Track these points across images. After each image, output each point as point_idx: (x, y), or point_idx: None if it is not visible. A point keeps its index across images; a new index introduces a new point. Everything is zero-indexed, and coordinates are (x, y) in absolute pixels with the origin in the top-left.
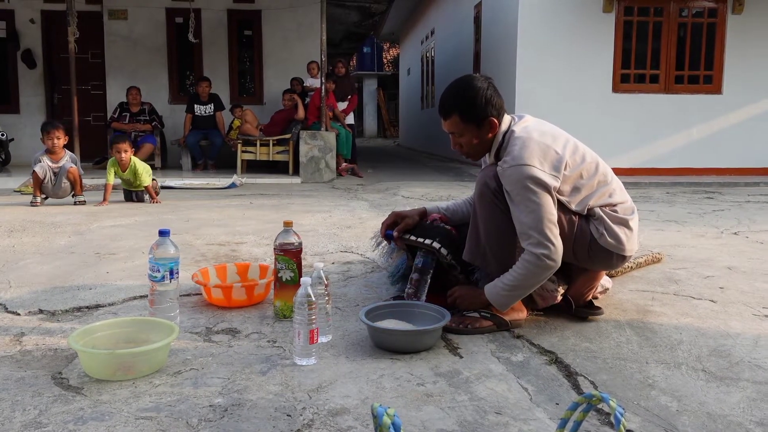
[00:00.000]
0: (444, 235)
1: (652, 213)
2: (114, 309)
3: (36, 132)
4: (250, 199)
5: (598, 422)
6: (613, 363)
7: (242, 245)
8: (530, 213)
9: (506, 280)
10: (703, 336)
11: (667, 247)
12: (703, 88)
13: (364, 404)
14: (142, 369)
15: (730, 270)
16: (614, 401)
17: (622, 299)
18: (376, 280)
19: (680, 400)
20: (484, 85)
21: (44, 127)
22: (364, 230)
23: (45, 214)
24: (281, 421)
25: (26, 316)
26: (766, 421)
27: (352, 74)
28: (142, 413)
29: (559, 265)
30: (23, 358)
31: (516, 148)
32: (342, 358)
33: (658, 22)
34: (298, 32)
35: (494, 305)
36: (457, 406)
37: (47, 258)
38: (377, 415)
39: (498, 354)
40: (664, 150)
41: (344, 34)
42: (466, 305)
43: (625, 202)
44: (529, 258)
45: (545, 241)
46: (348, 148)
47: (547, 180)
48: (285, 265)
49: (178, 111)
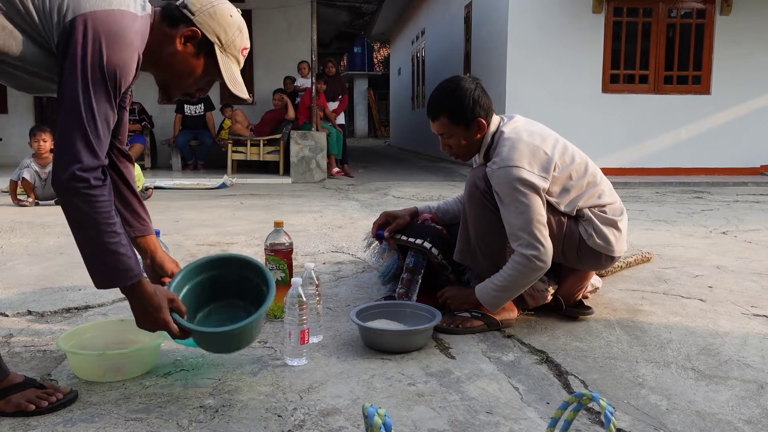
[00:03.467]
0: (435, 234)
1: (642, 213)
2: (103, 310)
3: (24, 132)
4: (241, 199)
5: (589, 421)
6: (604, 362)
7: (233, 246)
8: (519, 214)
9: (497, 280)
10: (693, 335)
11: (656, 247)
12: (691, 88)
13: (356, 404)
14: (132, 370)
15: (719, 269)
16: (604, 400)
17: (612, 298)
18: (367, 280)
19: (670, 399)
20: (471, 86)
21: (31, 131)
22: (355, 230)
23: (34, 215)
24: (272, 422)
25: (14, 317)
26: (755, 419)
27: (343, 74)
28: (132, 414)
29: (549, 265)
30: (11, 359)
31: (505, 149)
32: (333, 359)
33: (647, 22)
34: (289, 32)
35: (485, 306)
36: (449, 405)
37: (36, 259)
38: (368, 415)
39: (489, 354)
40: (653, 150)
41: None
42: (456, 305)
43: (614, 202)
44: (519, 259)
45: (535, 242)
46: (339, 148)
47: (536, 181)
48: (276, 266)
49: (168, 111)
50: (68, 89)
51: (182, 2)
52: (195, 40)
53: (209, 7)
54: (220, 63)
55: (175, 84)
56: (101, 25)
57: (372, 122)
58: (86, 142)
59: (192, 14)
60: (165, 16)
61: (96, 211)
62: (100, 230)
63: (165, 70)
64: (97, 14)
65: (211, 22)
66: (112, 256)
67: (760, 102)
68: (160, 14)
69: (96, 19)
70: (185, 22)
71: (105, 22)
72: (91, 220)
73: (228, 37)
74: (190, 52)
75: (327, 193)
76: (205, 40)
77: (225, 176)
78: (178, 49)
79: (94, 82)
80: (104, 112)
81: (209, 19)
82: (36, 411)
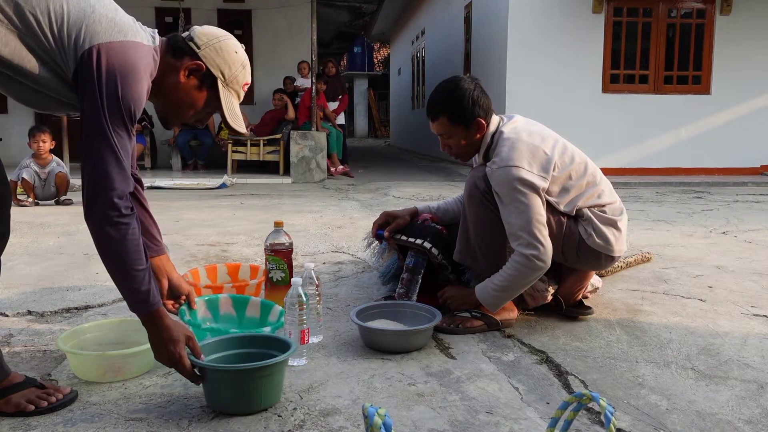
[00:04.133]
0: (435, 234)
1: (642, 213)
2: (103, 310)
3: (24, 132)
4: (241, 199)
5: (589, 421)
6: (604, 362)
7: (233, 245)
8: (519, 214)
9: (496, 280)
10: (693, 335)
11: (656, 247)
12: (691, 88)
13: (356, 404)
14: (132, 370)
15: (719, 269)
16: (604, 400)
17: (612, 298)
18: (367, 280)
19: (670, 399)
20: (471, 86)
21: (30, 132)
22: (355, 230)
23: (34, 215)
24: (272, 422)
25: (14, 317)
26: (755, 419)
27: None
28: (132, 415)
29: (549, 265)
30: (11, 359)
31: (505, 150)
32: (333, 359)
33: (647, 22)
34: (289, 32)
35: (485, 305)
36: (449, 405)
37: (36, 259)
38: (368, 415)
39: (489, 353)
40: (653, 150)
41: (335, 34)
42: (456, 305)
43: (614, 202)
44: (519, 259)
45: (534, 241)
46: (339, 148)
47: (536, 181)
48: (276, 266)
49: None
50: (92, 120)
51: (188, 35)
52: (199, 74)
53: (215, 42)
54: (222, 98)
55: (174, 114)
56: (117, 57)
57: (372, 122)
58: (119, 170)
59: (198, 47)
60: (170, 48)
61: (127, 243)
62: (128, 263)
63: (166, 99)
64: (113, 45)
65: (217, 58)
66: (136, 285)
67: (760, 102)
68: (166, 45)
69: (111, 50)
70: (190, 54)
71: (120, 53)
72: (123, 252)
73: (232, 72)
74: (192, 84)
75: (327, 193)
76: (209, 74)
77: (225, 176)
78: (181, 81)
79: (110, 112)
80: (124, 143)
81: (214, 54)
82: (36, 411)
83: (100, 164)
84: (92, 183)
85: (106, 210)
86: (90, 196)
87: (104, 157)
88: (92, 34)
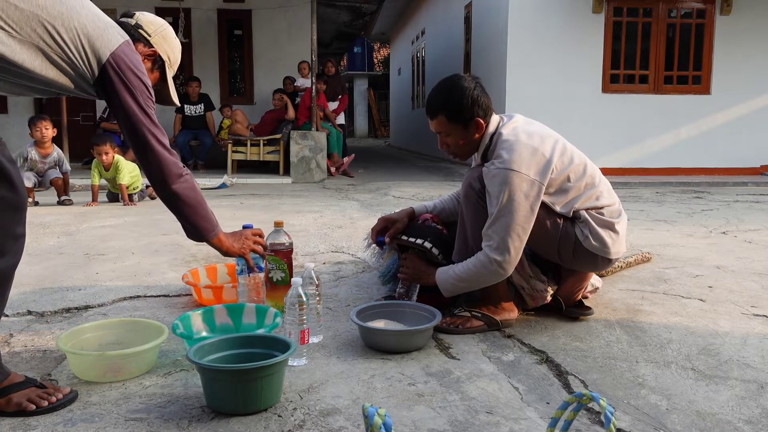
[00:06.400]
0: (435, 234)
1: (642, 213)
2: (103, 310)
3: (24, 131)
4: (241, 199)
5: (589, 421)
6: (604, 362)
7: None
8: (500, 217)
9: (458, 269)
10: (693, 335)
11: (656, 247)
12: (691, 88)
13: (356, 404)
14: (131, 370)
15: (719, 269)
16: (604, 400)
17: (612, 298)
18: (367, 280)
19: (670, 399)
20: (470, 85)
21: (31, 120)
22: (355, 230)
23: (34, 215)
24: (272, 422)
25: (15, 317)
26: (755, 419)
27: (343, 74)
28: (132, 415)
29: (509, 275)
30: (11, 359)
31: (503, 152)
32: (333, 359)
33: (647, 22)
34: (289, 32)
35: (440, 289)
36: (449, 405)
37: (36, 258)
38: (368, 415)
39: (489, 354)
40: (653, 150)
41: (335, 33)
42: (410, 274)
43: (612, 204)
44: (482, 258)
45: (503, 248)
46: (339, 148)
47: (531, 187)
48: (276, 266)
49: (168, 111)
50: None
51: (136, 23)
52: (152, 58)
53: (161, 30)
54: (168, 77)
55: None
56: (129, 56)
57: (372, 122)
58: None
59: (149, 35)
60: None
61: (196, 186)
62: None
63: None
64: (122, 48)
65: (164, 44)
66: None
67: (760, 102)
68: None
69: (123, 52)
70: (144, 42)
71: (127, 52)
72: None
73: (175, 56)
74: (147, 68)
75: (327, 193)
76: (159, 58)
77: (225, 176)
78: None
79: (146, 105)
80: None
81: (162, 41)
82: (36, 411)
83: (154, 153)
84: (156, 169)
85: (174, 179)
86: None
87: (153, 147)
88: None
